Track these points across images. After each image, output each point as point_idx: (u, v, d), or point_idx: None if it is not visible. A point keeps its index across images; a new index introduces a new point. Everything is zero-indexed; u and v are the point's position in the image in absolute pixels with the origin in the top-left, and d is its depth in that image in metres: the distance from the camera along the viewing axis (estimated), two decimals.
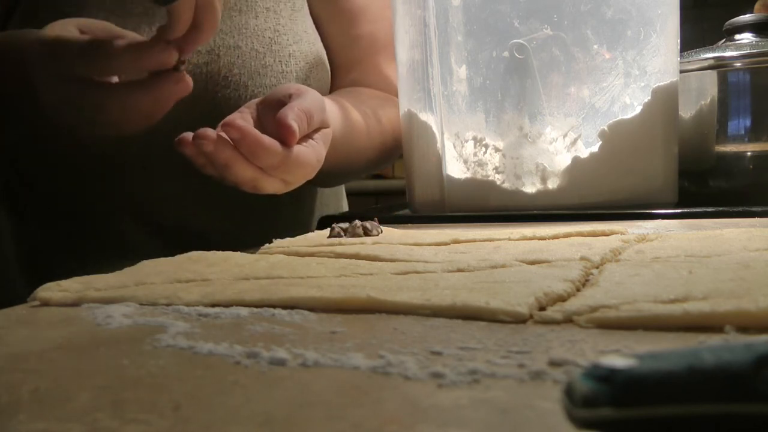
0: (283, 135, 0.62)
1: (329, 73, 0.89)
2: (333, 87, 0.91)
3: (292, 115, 0.63)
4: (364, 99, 0.88)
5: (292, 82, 0.81)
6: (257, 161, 0.62)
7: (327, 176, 0.87)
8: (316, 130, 0.68)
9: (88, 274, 0.45)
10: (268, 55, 0.80)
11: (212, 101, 0.76)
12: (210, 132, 0.61)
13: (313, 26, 0.87)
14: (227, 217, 0.82)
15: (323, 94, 0.86)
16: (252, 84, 0.79)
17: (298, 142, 0.65)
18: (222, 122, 0.62)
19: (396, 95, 0.90)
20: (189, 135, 0.62)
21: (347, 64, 0.91)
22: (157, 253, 0.53)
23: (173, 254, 0.53)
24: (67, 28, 0.62)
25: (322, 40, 0.88)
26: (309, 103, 0.66)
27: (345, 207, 1.04)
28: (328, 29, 0.89)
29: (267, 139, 0.62)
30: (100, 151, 0.75)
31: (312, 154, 0.66)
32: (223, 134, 0.61)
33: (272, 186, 0.66)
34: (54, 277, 0.43)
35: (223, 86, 0.77)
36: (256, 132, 0.62)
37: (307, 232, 0.69)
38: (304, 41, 0.84)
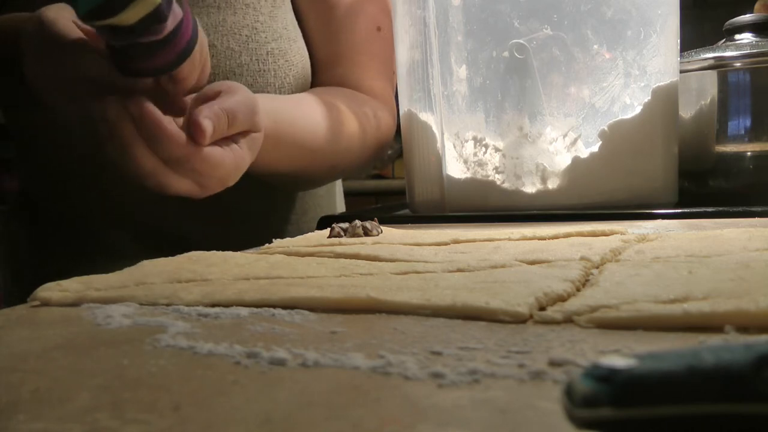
0: (193, 132, 0.58)
1: (310, 69, 0.86)
2: (316, 83, 0.87)
3: (207, 112, 0.58)
4: (362, 101, 0.86)
5: (270, 80, 0.79)
6: (158, 150, 0.56)
7: (311, 179, 0.86)
8: (243, 134, 0.63)
9: (77, 276, 0.45)
10: (244, 54, 0.78)
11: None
12: (113, 98, 0.56)
13: (295, 22, 0.85)
14: (213, 221, 0.80)
15: (304, 90, 0.83)
16: None
17: (218, 143, 0.60)
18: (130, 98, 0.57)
19: (381, 92, 0.89)
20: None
21: (329, 58, 0.87)
22: (142, 257, 0.51)
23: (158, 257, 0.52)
24: (67, 16, 0.59)
25: (304, 34, 0.86)
26: (234, 103, 0.61)
27: (341, 208, 1.02)
28: (310, 21, 0.86)
29: (172, 126, 0.56)
30: (80, 150, 0.74)
31: (229, 157, 0.61)
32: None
33: (180, 185, 0.60)
34: (41, 279, 0.43)
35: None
36: (160, 115, 0.56)
37: (300, 234, 0.69)
38: (284, 38, 0.81)
